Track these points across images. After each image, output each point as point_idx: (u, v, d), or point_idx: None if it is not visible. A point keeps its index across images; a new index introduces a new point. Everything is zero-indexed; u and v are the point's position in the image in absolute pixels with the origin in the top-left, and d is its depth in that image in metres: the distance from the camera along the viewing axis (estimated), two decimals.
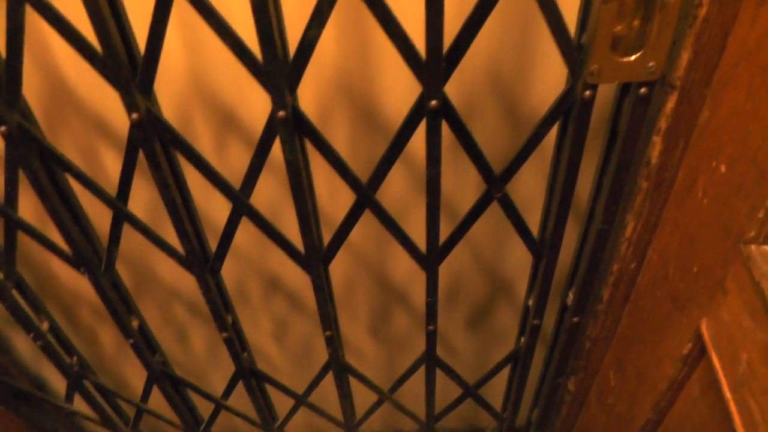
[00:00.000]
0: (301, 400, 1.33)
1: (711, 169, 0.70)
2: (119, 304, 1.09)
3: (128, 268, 1.25)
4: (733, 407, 0.68)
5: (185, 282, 1.28)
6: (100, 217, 1.02)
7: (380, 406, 1.34)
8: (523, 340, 1.18)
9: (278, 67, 0.72)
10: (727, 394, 0.69)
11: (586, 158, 0.82)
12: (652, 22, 0.66)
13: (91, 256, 0.99)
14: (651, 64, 0.69)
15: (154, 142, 0.82)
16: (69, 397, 1.35)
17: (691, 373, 0.81)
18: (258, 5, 0.66)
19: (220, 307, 1.08)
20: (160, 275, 1.27)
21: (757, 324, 0.63)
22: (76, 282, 1.28)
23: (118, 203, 0.91)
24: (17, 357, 1.46)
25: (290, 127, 0.78)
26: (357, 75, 0.93)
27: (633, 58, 0.69)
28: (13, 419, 1.39)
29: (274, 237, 0.94)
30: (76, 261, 0.99)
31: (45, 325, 1.17)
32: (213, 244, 0.99)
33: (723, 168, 0.68)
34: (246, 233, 1.13)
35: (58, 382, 1.56)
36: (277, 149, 0.81)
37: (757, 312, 0.62)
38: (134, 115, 0.77)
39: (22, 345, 1.45)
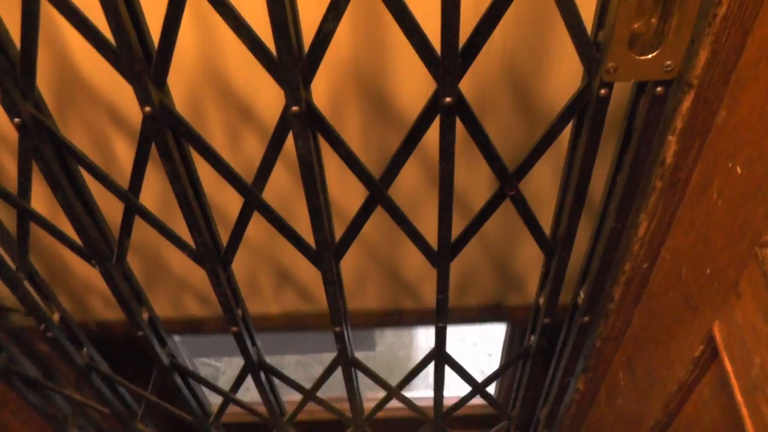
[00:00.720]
0: (309, 396, 1.33)
1: (727, 170, 0.69)
2: (130, 295, 1.09)
3: (139, 259, 1.25)
4: (744, 411, 0.67)
5: (196, 273, 1.29)
6: (111, 207, 1.02)
7: (388, 402, 1.34)
8: (533, 338, 1.17)
9: (292, 61, 0.72)
10: (739, 398, 0.68)
11: (601, 156, 0.82)
12: (671, 20, 0.65)
13: (102, 248, 1.00)
14: (668, 62, 0.69)
15: (167, 134, 0.81)
16: (79, 387, 1.35)
17: (702, 376, 0.81)
18: None
19: (230, 301, 1.08)
20: (171, 266, 1.27)
21: None
22: (87, 272, 1.28)
23: (130, 196, 0.91)
24: (28, 345, 1.47)
25: (304, 122, 0.77)
26: (371, 67, 0.93)
27: (650, 56, 0.68)
28: (23, 407, 1.40)
29: (285, 232, 0.94)
30: (88, 253, 0.99)
31: (56, 317, 1.18)
32: (224, 236, 0.99)
33: (739, 169, 0.67)
34: (257, 226, 1.13)
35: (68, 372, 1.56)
36: (289, 142, 0.80)
37: None
38: (147, 108, 0.77)
39: (34, 333, 1.46)
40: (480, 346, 2.78)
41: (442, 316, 1.07)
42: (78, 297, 1.34)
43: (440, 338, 1.13)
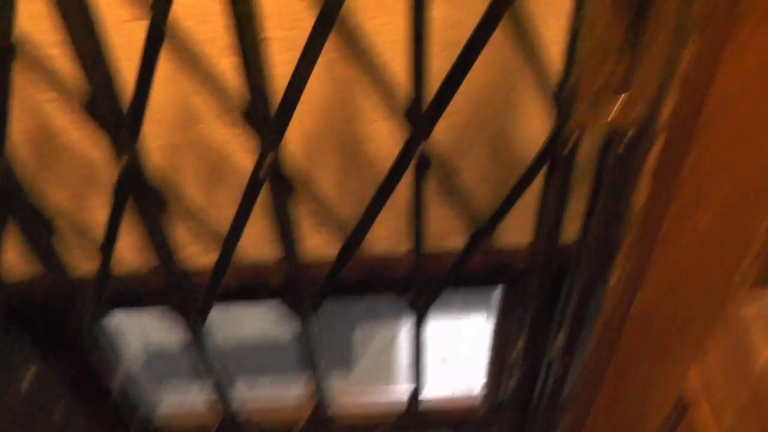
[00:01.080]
0: None
1: (697, 217, 0.69)
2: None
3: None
4: None
5: None
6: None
7: None
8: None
9: (264, 118, 0.72)
10: None
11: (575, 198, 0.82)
12: (638, 67, 0.66)
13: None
14: (636, 108, 0.69)
15: (141, 190, 0.81)
16: None
17: (675, 427, 0.80)
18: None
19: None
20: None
21: (744, 376, 0.62)
22: None
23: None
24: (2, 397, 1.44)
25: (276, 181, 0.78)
26: (342, 114, 0.93)
27: (618, 102, 0.69)
28: None
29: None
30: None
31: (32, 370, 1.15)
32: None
33: (710, 215, 0.67)
34: None
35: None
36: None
37: (743, 364, 0.62)
38: (121, 165, 0.77)
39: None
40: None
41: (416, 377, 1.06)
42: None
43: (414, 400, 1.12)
